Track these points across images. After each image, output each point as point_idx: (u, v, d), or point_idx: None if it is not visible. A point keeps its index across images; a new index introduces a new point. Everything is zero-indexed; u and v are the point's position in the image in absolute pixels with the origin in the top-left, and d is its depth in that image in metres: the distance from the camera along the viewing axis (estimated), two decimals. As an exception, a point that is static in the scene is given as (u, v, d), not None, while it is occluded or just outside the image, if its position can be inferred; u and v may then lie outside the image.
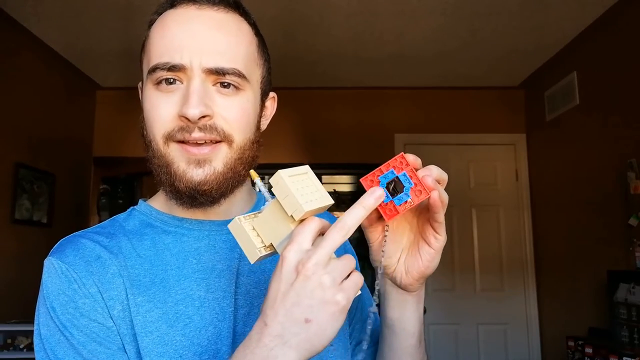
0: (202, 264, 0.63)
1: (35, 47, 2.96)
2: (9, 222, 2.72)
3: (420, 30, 2.86)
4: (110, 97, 3.74)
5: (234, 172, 0.62)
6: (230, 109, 0.61)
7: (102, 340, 0.57)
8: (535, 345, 3.48)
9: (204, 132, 0.59)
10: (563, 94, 3.10)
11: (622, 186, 2.48)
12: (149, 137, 0.62)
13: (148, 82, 0.62)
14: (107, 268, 0.60)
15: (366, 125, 3.71)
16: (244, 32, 0.64)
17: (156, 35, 0.63)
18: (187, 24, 0.60)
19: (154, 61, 0.61)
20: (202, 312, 0.60)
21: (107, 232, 0.65)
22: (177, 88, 0.60)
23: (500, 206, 3.65)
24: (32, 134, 2.94)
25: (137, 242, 0.64)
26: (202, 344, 0.59)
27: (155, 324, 0.58)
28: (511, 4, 2.57)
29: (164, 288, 0.60)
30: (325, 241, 0.45)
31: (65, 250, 0.61)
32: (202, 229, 0.66)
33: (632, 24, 2.46)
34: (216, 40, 0.60)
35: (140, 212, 0.68)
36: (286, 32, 2.87)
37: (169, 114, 0.60)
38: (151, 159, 0.63)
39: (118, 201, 3.62)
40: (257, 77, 0.66)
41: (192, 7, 0.61)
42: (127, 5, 2.56)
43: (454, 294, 3.54)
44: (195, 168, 0.60)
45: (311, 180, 0.51)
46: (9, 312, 2.63)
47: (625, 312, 2.30)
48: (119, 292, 0.59)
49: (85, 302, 0.57)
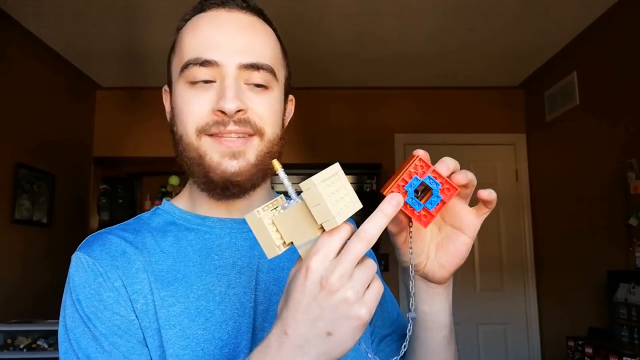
0: (224, 260, 0.65)
1: (35, 47, 2.96)
2: (9, 222, 2.72)
3: (421, 30, 2.86)
4: (110, 97, 3.74)
5: (263, 165, 0.65)
6: (262, 105, 0.64)
7: (123, 333, 0.59)
8: (535, 345, 3.48)
9: (239, 126, 0.62)
10: (563, 94, 3.10)
11: (622, 186, 2.48)
12: (179, 132, 0.64)
13: (180, 81, 0.64)
14: (132, 263, 0.62)
15: (366, 125, 3.71)
16: (271, 35, 0.68)
17: (188, 36, 0.65)
18: (218, 25, 0.64)
19: (187, 57, 0.63)
20: (223, 307, 0.62)
21: (132, 229, 0.67)
22: (211, 86, 0.62)
23: (500, 206, 3.65)
24: (32, 134, 2.94)
25: (160, 239, 0.66)
26: (223, 337, 0.61)
27: (178, 317, 0.60)
28: (511, 4, 2.57)
29: (186, 283, 0.62)
30: (349, 253, 0.45)
31: (92, 245, 0.63)
32: (223, 227, 0.68)
33: (632, 24, 2.46)
34: (248, 39, 0.64)
35: (164, 211, 0.71)
36: (286, 32, 2.86)
37: (203, 109, 0.62)
38: (182, 154, 0.64)
39: (118, 201, 3.61)
40: (282, 77, 0.69)
41: (222, 10, 0.65)
42: (127, 5, 2.56)
43: (454, 294, 3.51)
44: (230, 160, 0.62)
45: (341, 182, 0.48)
46: (9, 312, 2.63)
47: (625, 312, 2.30)
48: (143, 286, 0.61)
49: (109, 295, 0.60)
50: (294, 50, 3.20)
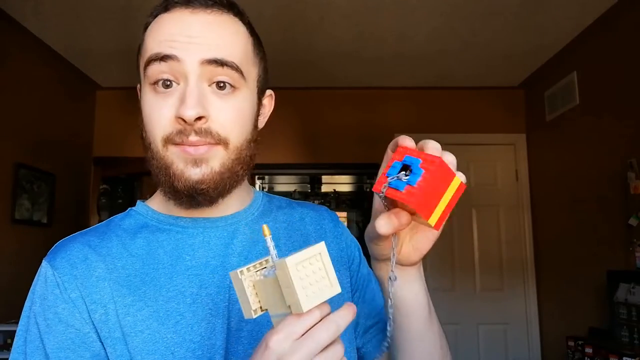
0: (196, 260, 0.64)
1: (35, 47, 2.96)
2: (9, 222, 2.72)
3: (420, 30, 2.86)
4: (110, 97, 3.74)
5: (231, 172, 0.63)
6: (226, 110, 0.61)
7: (76, 347, 0.58)
8: (535, 345, 3.48)
9: (200, 136, 0.59)
10: (563, 94, 3.10)
11: (622, 186, 2.48)
12: (148, 139, 0.63)
13: (145, 83, 0.63)
14: (93, 271, 0.61)
15: (366, 125, 3.70)
16: (239, 32, 0.65)
17: (150, 36, 0.64)
18: (181, 24, 0.61)
19: (148, 54, 0.62)
20: (195, 308, 0.61)
21: (100, 232, 0.66)
22: (174, 90, 0.61)
23: (500, 206, 3.65)
24: (32, 134, 2.94)
25: (130, 242, 0.65)
26: (195, 340, 0.60)
27: (146, 322, 0.59)
28: (511, 4, 2.57)
29: (154, 286, 0.61)
30: (311, 340, 0.44)
31: (56, 253, 0.63)
32: (196, 225, 0.67)
33: (632, 24, 2.46)
34: (211, 35, 0.61)
35: (137, 212, 0.70)
36: (286, 32, 2.87)
37: (166, 117, 0.60)
38: (150, 160, 0.63)
39: (118, 201, 3.62)
40: (253, 75, 0.66)
41: (185, 11, 0.62)
42: (127, 5, 2.56)
43: (454, 293, 3.54)
44: (193, 167, 0.60)
45: (322, 262, 0.46)
46: (8, 312, 2.63)
47: (625, 312, 2.30)
48: (103, 295, 0.60)
49: (65, 307, 0.59)
50: (294, 50, 3.21)
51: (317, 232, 0.75)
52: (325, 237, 0.75)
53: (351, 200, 3.70)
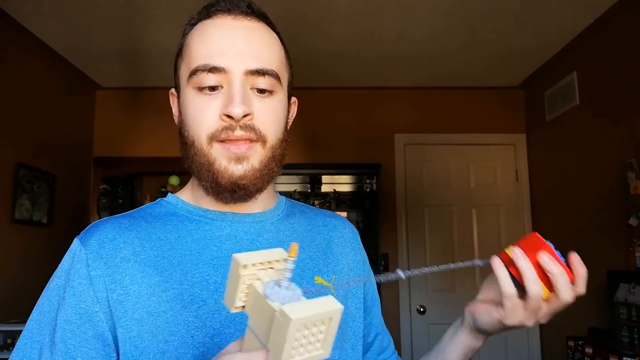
0: (222, 252, 0.67)
1: (35, 47, 2.96)
2: (9, 222, 2.72)
3: (420, 30, 2.86)
4: (110, 97, 3.74)
5: (268, 169, 0.67)
6: (266, 111, 0.66)
7: (82, 322, 0.60)
8: (535, 345, 3.48)
9: (244, 131, 0.64)
10: (563, 94, 3.10)
11: (622, 186, 2.48)
12: (192, 137, 0.66)
13: (189, 86, 0.67)
14: (119, 251, 0.64)
15: (366, 125, 3.71)
16: (274, 40, 0.71)
17: (195, 42, 0.67)
18: (225, 32, 0.66)
19: (195, 64, 0.65)
20: (217, 296, 0.64)
21: (132, 216, 0.69)
22: (218, 93, 0.65)
23: (500, 206, 3.65)
24: (32, 134, 2.94)
25: (160, 226, 0.68)
26: (215, 326, 0.62)
27: (170, 303, 0.62)
28: (511, 4, 2.57)
29: (181, 271, 0.64)
30: None
31: (88, 232, 0.67)
32: (224, 219, 0.70)
33: (632, 24, 2.46)
34: (254, 46, 0.66)
35: (168, 202, 0.73)
36: (286, 32, 2.84)
37: (213, 116, 0.64)
38: (192, 157, 0.66)
39: (118, 201, 3.61)
40: (286, 80, 0.72)
41: (228, 17, 0.67)
42: (127, 5, 2.56)
43: (454, 294, 3.54)
44: (235, 164, 0.65)
45: (328, 327, 0.41)
46: (9, 312, 2.63)
47: (625, 312, 2.30)
48: (124, 276, 0.62)
49: (82, 282, 0.62)
50: (294, 50, 3.19)
51: (339, 239, 0.80)
52: (346, 245, 0.80)
53: (351, 200, 3.69)
